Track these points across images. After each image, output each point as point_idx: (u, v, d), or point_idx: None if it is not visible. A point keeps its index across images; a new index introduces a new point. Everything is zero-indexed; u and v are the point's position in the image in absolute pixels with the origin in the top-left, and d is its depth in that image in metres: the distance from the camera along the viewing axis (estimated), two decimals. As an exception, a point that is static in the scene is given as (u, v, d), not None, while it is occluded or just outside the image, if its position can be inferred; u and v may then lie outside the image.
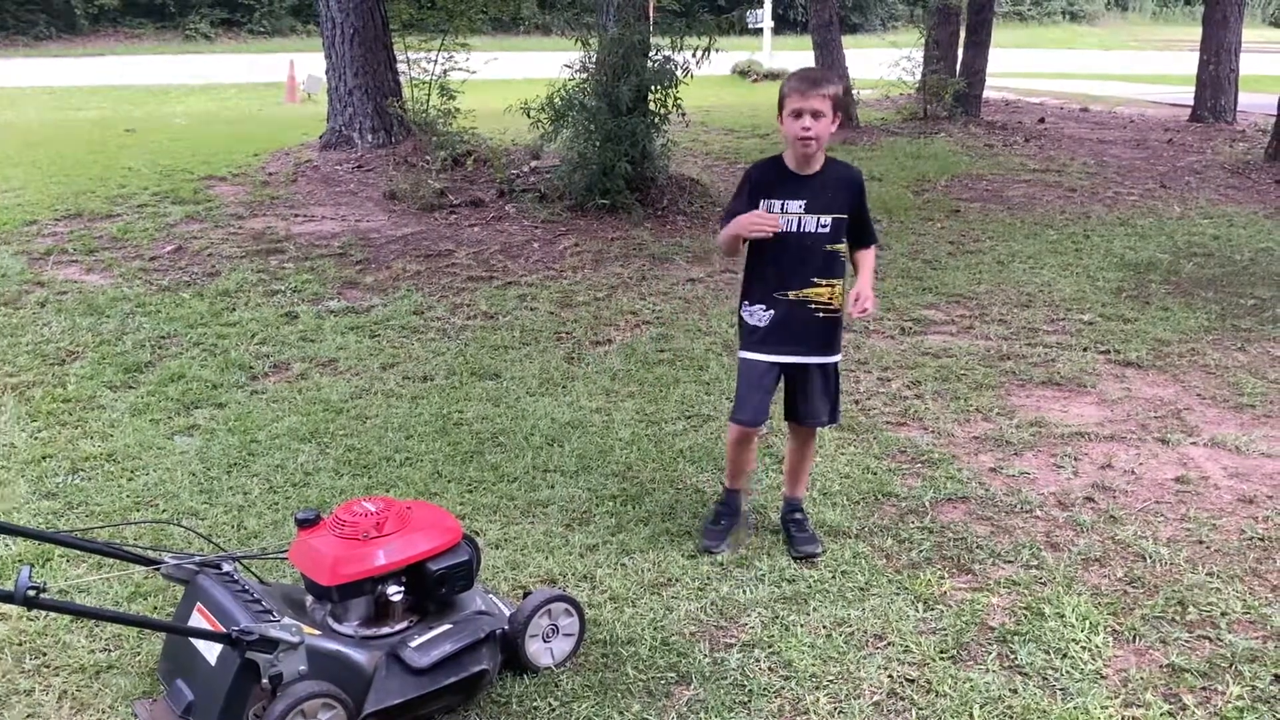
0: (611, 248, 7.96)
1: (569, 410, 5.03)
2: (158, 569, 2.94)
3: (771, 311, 3.60)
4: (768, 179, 3.59)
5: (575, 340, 6.07)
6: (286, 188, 9.81)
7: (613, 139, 8.56)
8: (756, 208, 3.55)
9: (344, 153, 10.80)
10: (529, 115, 8.95)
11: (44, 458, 4.48)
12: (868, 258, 3.70)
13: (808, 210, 3.53)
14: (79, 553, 3.56)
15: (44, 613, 3.16)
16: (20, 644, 3.16)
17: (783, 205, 3.53)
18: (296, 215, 8.90)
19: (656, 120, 8.93)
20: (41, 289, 6.81)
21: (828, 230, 3.54)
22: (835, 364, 3.71)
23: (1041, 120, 15.67)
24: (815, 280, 3.55)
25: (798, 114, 3.43)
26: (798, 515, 3.85)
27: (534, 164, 9.99)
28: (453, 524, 3.06)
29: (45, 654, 3.13)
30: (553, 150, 9.64)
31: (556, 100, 8.83)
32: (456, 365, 5.65)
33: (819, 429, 3.90)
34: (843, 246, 3.59)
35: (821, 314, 3.59)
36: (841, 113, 3.55)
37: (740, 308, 3.70)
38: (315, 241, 8.08)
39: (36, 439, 4.68)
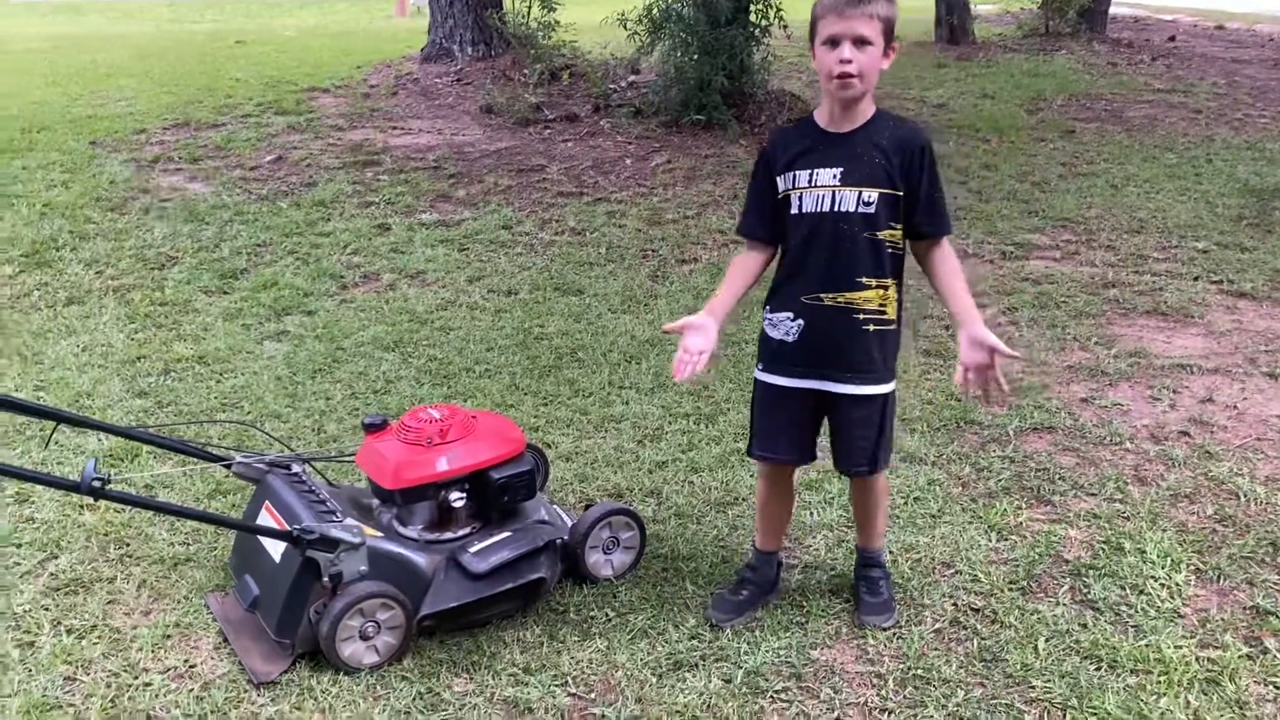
0: (704, 165, 7.81)
1: (649, 328, 4.98)
2: (228, 467, 3.02)
3: (800, 321, 2.71)
4: (791, 149, 2.69)
5: (661, 258, 6.01)
6: (386, 100, 9.86)
7: (710, 52, 8.35)
8: (775, 190, 2.71)
9: (444, 65, 10.79)
10: (625, 27, 8.79)
11: (139, 358, 4.63)
12: (948, 263, 2.68)
13: (844, 182, 2.61)
14: (165, 450, 3.68)
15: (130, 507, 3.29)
16: (106, 534, 3.29)
17: (811, 177, 2.64)
18: (394, 128, 8.95)
19: (757, 32, 8.67)
20: (146, 196, 7.00)
21: (872, 209, 2.61)
22: (886, 395, 2.78)
23: (1171, 38, 14.80)
24: (862, 280, 2.65)
25: (834, 41, 2.52)
26: (872, 573, 3.01)
27: (632, 79, 9.83)
28: (517, 434, 3.07)
29: (128, 544, 3.25)
30: (652, 64, 9.47)
31: (654, 11, 8.64)
32: (541, 280, 5.65)
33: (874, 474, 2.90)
34: (898, 234, 2.66)
35: (872, 326, 2.68)
36: (896, 42, 2.60)
37: (763, 317, 2.83)
38: (411, 154, 8.13)
39: (133, 340, 4.85)
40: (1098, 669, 2.70)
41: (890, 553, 3.19)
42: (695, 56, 8.46)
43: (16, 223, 6.43)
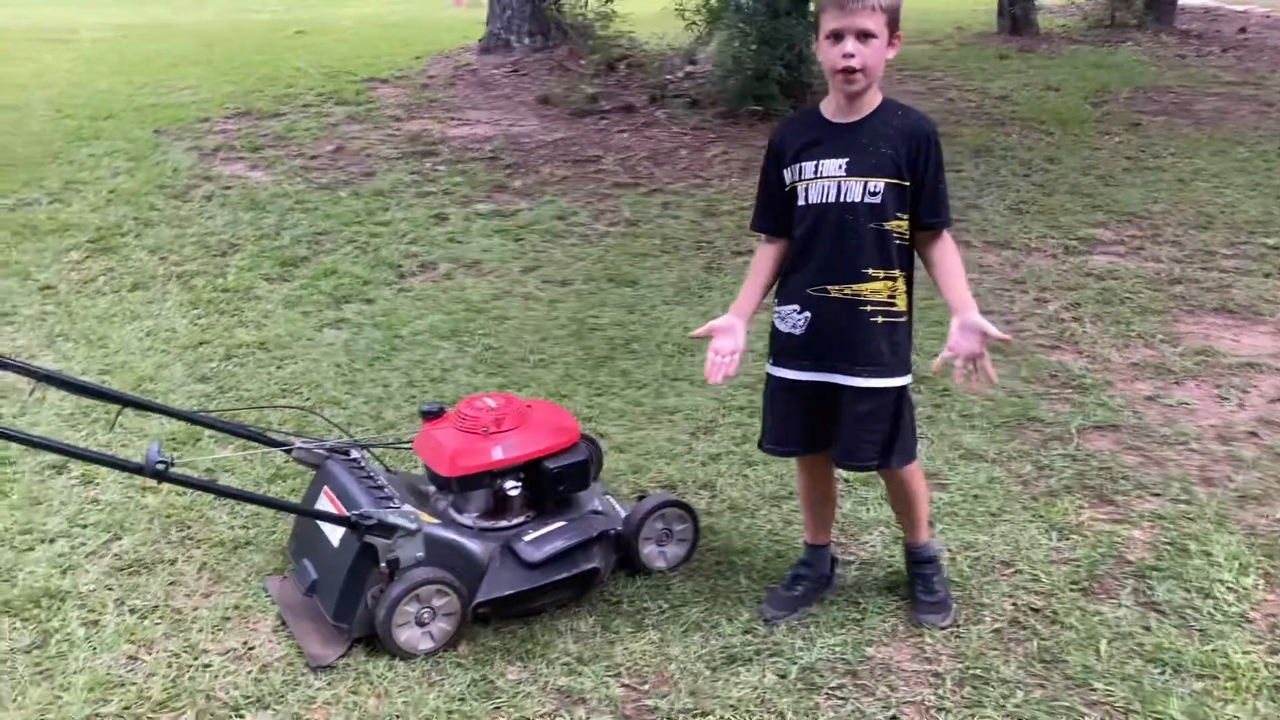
0: (760, 156, 7.75)
1: (703, 320, 4.85)
2: (288, 452, 3.05)
3: (807, 314, 2.67)
4: (797, 142, 2.66)
5: (716, 250, 5.98)
6: (444, 91, 9.93)
7: (769, 42, 8.30)
8: (783, 183, 2.70)
9: (501, 56, 10.84)
10: (683, 17, 8.76)
11: (201, 343, 4.71)
12: (948, 254, 2.65)
13: (850, 172, 2.57)
14: (225, 434, 3.73)
15: (191, 489, 3.33)
16: (168, 516, 3.35)
17: (817, 168, 2.61)
18: (452, 118, 9.01)
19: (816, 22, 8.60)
20: (209, 183, 7.12)
21: (878, 199, 2.57)
22: (899, 389, 2.71)
23: (1242, 30, 14.44)
24: (868, 271, 2.61)
25: (837, 36, 2.49)
26: (924, 570, 2.92)
27: (689, 69, 9.80)
28: (571, 424, 3.07)
29: (190, 527, 3.31)
30: (709, 54, 9.44)
31: (713, 1, 8.61)
32: (595, 271, 5.65)
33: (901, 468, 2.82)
34: (905, 224, 2.62)
35: (880, 318, 2.64)
36: (900, 32, 2.56)
37: (773, 310, 2.82)
38: (468, 145, 8.17)
39: (196, 325, 4.93)
40: (1161, 673, 2.64)
41: (949, 551, 3.15)
42: (754, 47, 8.42)
43: (83, 208, 6.57)
